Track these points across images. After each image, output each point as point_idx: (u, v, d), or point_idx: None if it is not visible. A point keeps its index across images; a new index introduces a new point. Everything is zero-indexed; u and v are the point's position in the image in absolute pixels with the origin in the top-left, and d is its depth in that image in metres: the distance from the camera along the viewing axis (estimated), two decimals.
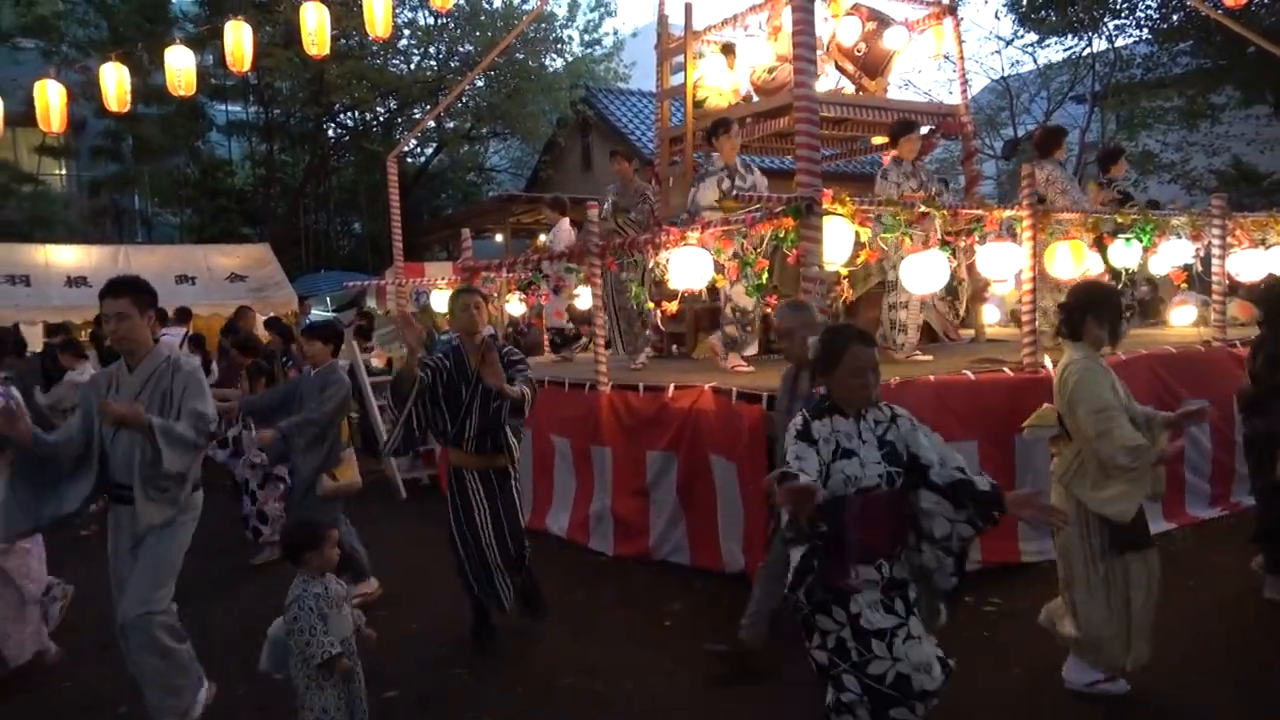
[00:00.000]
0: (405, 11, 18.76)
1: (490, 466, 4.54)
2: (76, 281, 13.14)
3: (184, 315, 11.06)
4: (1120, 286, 6.20)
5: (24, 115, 9.51)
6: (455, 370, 4.50)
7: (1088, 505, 3.57)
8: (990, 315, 8.47)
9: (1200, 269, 7.33)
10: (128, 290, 3.50)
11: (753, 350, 6.23)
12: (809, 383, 3.87)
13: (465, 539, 4.54)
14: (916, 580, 2.85)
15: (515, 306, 8.45)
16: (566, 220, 8.58)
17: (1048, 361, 5.25)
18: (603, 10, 21.68)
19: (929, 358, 6.16)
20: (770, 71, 8.09)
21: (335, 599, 3.34)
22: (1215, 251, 6.64)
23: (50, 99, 8.43)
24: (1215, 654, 4.04)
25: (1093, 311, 3.66)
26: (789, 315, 4.11)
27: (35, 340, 11.10)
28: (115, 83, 8.48)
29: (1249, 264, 7.05)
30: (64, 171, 21.58)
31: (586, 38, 21.45)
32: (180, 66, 8.37)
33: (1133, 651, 3.63)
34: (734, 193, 6.37)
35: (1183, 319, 8.09)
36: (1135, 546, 3.59)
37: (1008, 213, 5.73)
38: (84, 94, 12.49)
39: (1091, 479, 3.57)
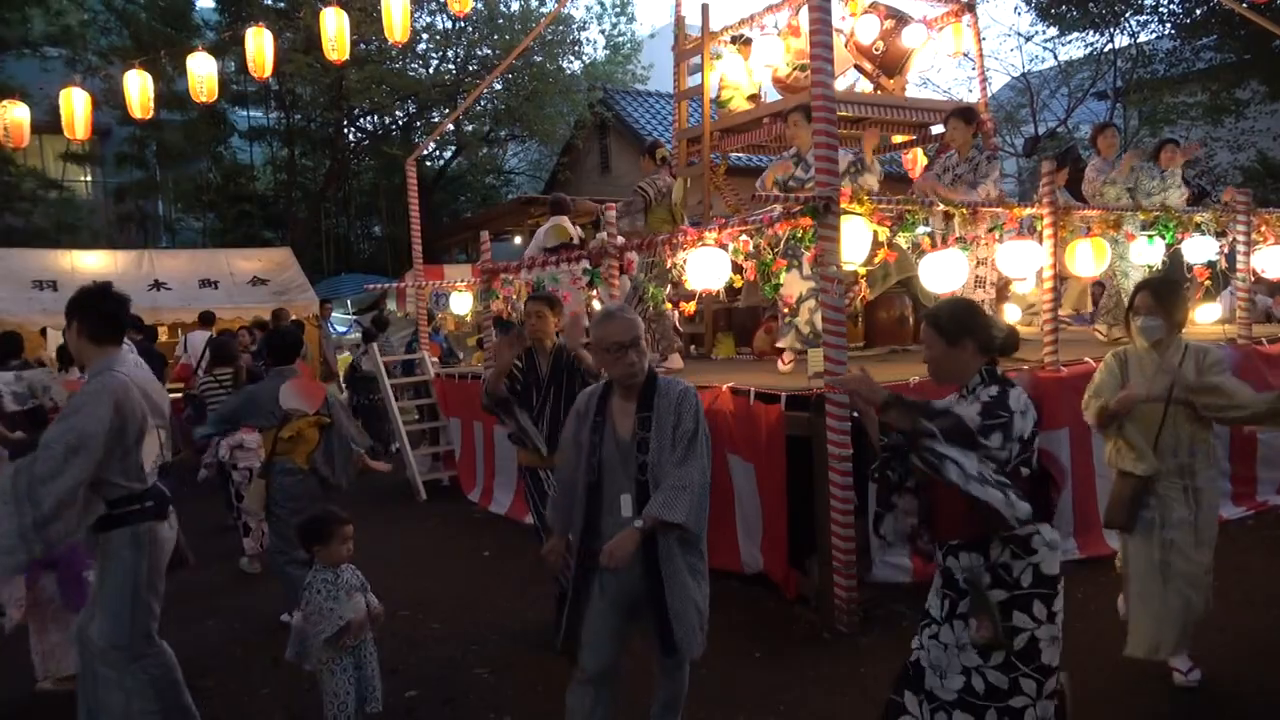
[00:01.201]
0: (424, 16, 18.85)
1: None
2: None
3: (207, 319, 11.19)
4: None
5: (50, 123, 9.65)
6: (527, 374, 4.57)
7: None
8: (1011, 314, 8.41)
9: (1225, 266, 7.25)
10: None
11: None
12: (635, 418, 3.01)
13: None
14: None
15: None
16: (553, 220, 8.47)
17: None
18: (626, 17, 21.73)
19: None
20: (804, 70, 8.04)
21: (347, 587, 3.44)
22: (1240, 248, 6.57)
23: (75, 106, 8.56)
24: (1240, 655, 4.00)
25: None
26: (621, 324, 3.02)
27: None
28: (139, 89, 8.60)
29: (1274, 260, 6.96)
30: (89, 178, 21.85)
31: (613, 41, 21.49)
32: (202, 73, 8.48)
33: (1129, 639, 3.75)
34: (789, 183, 6.29)
35: (1207, 316, 8.00)
36: (1116, 525, 3.78)
37: (1028, 210, 5.70)
38: (108, 101, 12.64)
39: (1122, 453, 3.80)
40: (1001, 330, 2.75)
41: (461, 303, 9.32)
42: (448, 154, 23.03)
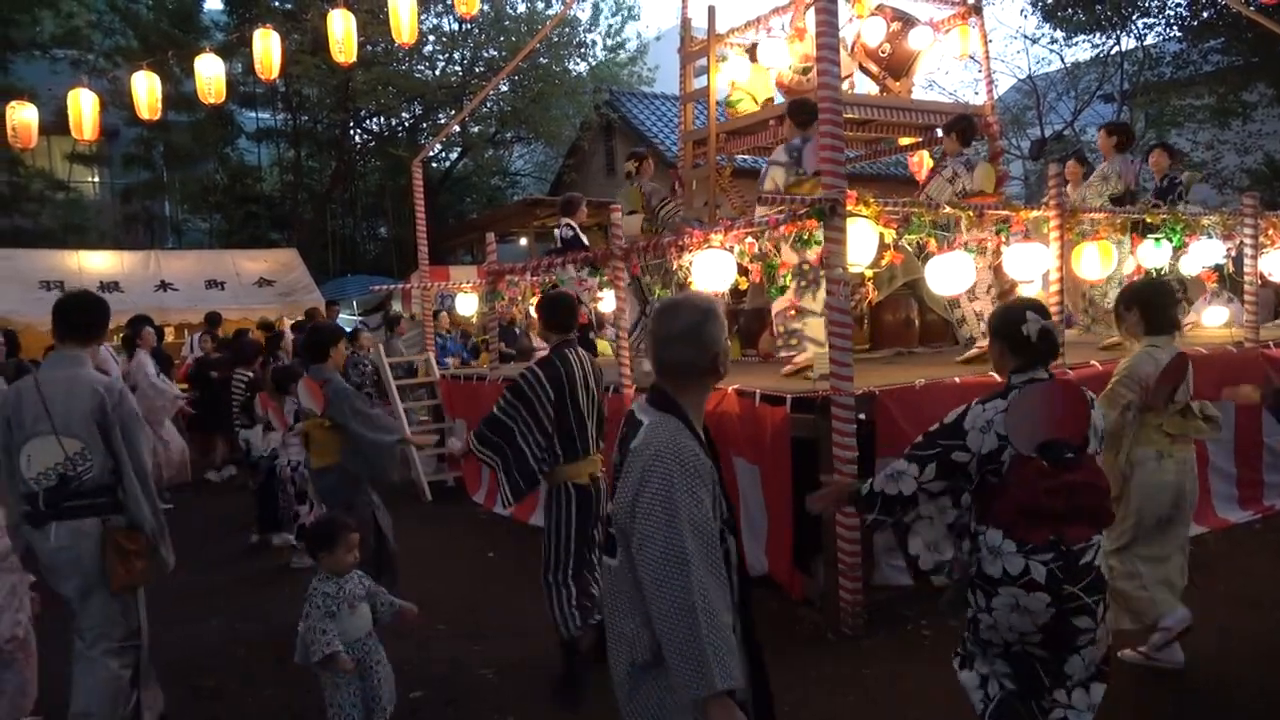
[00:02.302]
0: (430, 18, 18.89)
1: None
2: (109, 287, 13.34)
3: (214, 320, 11.21)
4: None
5: (57, 124, 9.67)
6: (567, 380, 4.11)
7: None
8: None
9: (1232, 269, 7.23)
10: None
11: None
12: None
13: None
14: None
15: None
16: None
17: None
18: (625, 14, 21.66)
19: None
20: (805, 73, 8.06)
21: (350, 598, 3.37)
22: (1247, 251, 6.55)
23: (83, 107, 8.59)
24: (1243, 657, 4.00)
25: None
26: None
27: None
28: (146, 91, 8.63)
29: None
30: (97, 179, 21.93)
31: (609, 41, 21.49)
32: (210, 74, 8.50)
33: None
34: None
35: (1214, 320, 7.98)
36: None
37: (1034, 213, 5.69)
38: (115, 102, 12.67)
39: None
40: (1034, 334, 2.73)
41: (467, 304, 9.35)
42: (453, 155, 23.08)
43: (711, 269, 5.30)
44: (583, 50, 20.76)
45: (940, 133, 7.10)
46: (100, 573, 3.35)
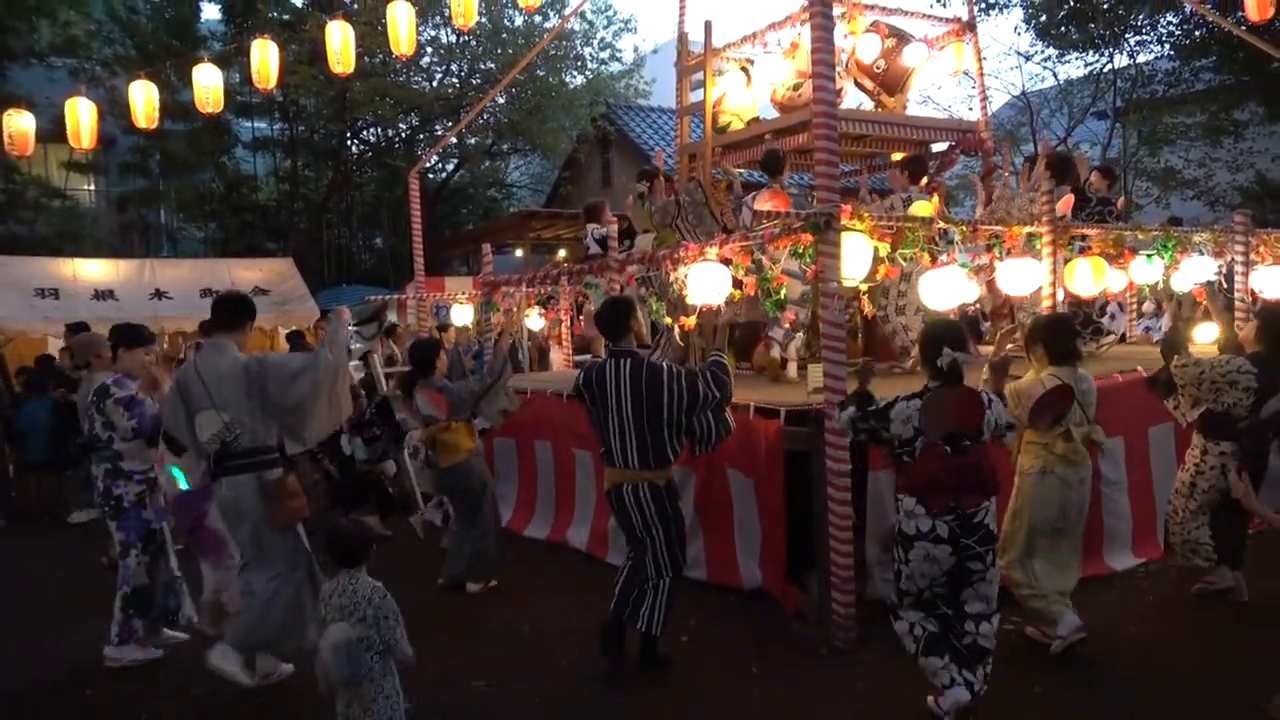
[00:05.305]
0: (428, 30, 18.96)
1: None
2: (104, 295, 13.29)
3: (209, 329, 11.18)
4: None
5: (54, 131, 9.66)
6: None
7: None
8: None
9: (1224, 286, 7.28)
10: None
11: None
12: None
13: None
14: None
15: (535, 321, 8.49)
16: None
17: None
18: (620, 25, 21.69)
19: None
20: (796, 89, 8.11)
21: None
22: (1238, 268, 6.60)
23: (80, 116, 8.58)
24: (1236, 667, 4.02)
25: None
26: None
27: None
28: (144, 100, 8.63)
29: (1273, 280, 6.98)
30: (92, 187, 21.90)
31: (604, 54, 21.56)
32: (208, 84, 8.51)
33: None
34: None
35: (1206, 337, 8.01)
36: None
37: (1028, 229, 5.72)
38: (112, 111, 12.67)
39: None
40: (945, 365, 3.54)
41: (463, 315, 9.35)
42: (450, 167, 23.12)
43: (706, 282, 5.31)
44: (580, 63, 20.85)
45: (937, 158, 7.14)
46: (261, 516, 4.04)
